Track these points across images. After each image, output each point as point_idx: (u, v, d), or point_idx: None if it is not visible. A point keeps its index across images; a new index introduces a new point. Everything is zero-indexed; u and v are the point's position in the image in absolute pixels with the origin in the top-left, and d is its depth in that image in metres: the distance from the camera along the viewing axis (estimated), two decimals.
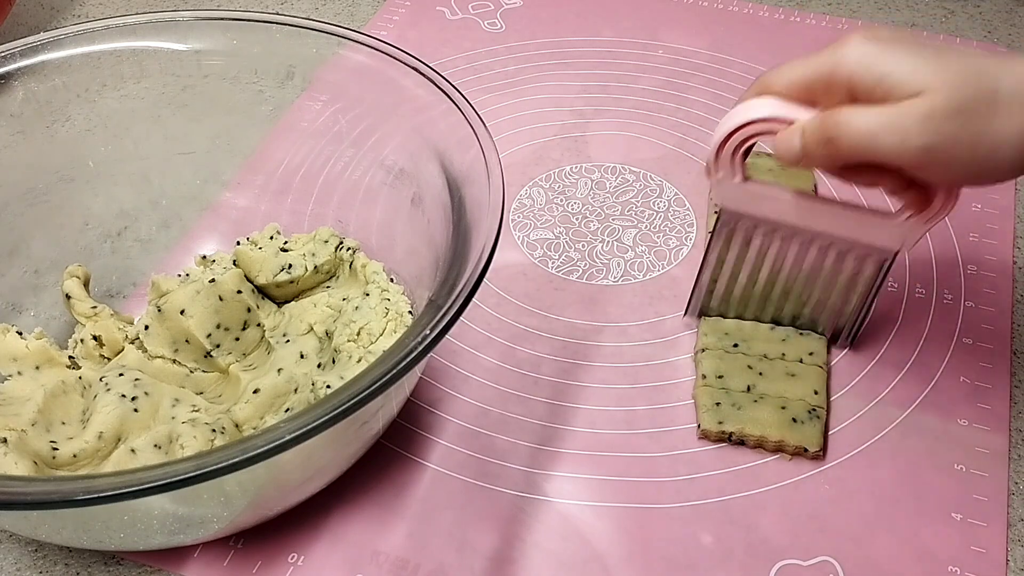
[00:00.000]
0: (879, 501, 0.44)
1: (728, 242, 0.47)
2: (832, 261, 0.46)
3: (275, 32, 0.48)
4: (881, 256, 0.45)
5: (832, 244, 0.45)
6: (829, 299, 0.48)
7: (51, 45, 0.47)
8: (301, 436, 0.31)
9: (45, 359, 0.45)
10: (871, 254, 0.45)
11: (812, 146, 0.39)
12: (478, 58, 0.69)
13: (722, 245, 0.47)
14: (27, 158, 0.48)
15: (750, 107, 0.42)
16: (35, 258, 0.49)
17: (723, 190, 0.45)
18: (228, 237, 0.52)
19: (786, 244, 0.46)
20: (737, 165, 0.44)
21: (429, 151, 0.44)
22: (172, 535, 0.39)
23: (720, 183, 0.44)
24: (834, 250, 0.46)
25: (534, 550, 0.42)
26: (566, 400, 0.48)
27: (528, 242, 0.56)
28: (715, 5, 0.74)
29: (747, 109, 0.42)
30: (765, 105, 0.41)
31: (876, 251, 0.45)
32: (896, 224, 0.43)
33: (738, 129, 0.42)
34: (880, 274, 0.46)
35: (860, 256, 0.45)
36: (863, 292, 0.47)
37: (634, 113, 0.64)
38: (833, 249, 0.46)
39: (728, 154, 0.43)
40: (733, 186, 0.44)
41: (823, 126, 0.39)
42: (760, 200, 0.45)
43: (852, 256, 0.46)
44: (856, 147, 0.38)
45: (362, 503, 0.43)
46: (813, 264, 0.47)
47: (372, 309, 0.45)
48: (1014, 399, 0.48)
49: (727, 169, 0.44)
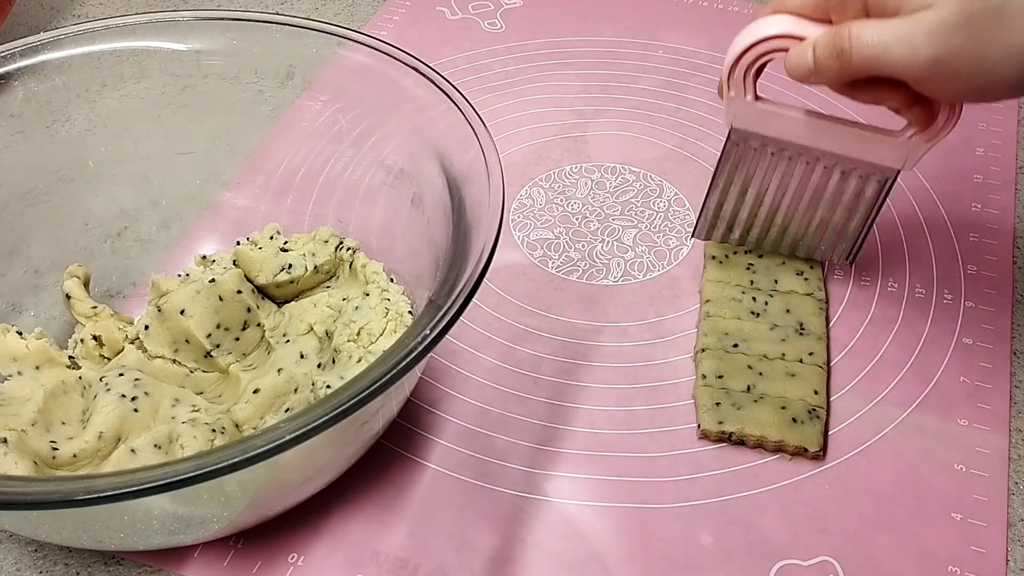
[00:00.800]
0: (879, 501, 0.44)
1: (737, 163, 0.49)
2: (836, 181, 0.48)
3: (275, 32, 0.48)
4: (883, 175, 0.47)
5: (836, 164, 0.47)
6: (832, 219, 0.50)
7: (51, 45, 0.47)
8: (301, 436, 0.31)
9: (45, 359, 0.45)
10: (874, 173, 0.47)
11: (824, 60, 0.41)
12: (478, 58, 0.69)
13: (731, 166, 0.49)
14: (27, 158, 0.48)
15: (763, 24, 0.43)
16: (35, 258, 0.49)
17: (735, 109, 0.46)
18: (228, 237, 0.52)
19: (792, 164, 0.48)
20: (749, 84, 0.45)
21: (429, 151, 0.44)
22: (172, 535, 0.39)
23: (732, 102, 0.46)
24: (838, 170, 0.47)
25: (534, 550, 0.42)
26: (566, 400, 0.48)
27: (528, 242, 0.56)
28: (715, 5, 0.74)
29: (760, 26, 0.43)
30: (778, 22, 0.43)
31: (879, 170, 0.47)
32: (899, 142, 0.45)
33: (751, 47, 0.44)
34: (882, 194, 0.48)
35: (863, 175, 0.47)
36: (865, 212, 0.49)
37: (634, 113, 0.64)
38: (837, 169, 0.47)
39: (741, 73, 0.45)
40: (744, 105, 0.46)
41: (835, 39, 0.40)
42: (770, 118, 0.46)
43: (855, 175, 0.47)
44: (867, 59, 0.39)
45: (362, 503, 0.43)
46: (818, 184, 0.48)
47: (372, 309, 0.45)
48: (1014, 399, 0.48)
49: (739, 88, 0.45)
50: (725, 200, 0.50)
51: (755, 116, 0.46)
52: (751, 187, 0.50)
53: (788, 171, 0.48)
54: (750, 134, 0.47)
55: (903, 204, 0.58)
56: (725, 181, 0.50)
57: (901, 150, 0.45)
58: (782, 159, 0.48)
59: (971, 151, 0.61)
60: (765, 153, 0.48)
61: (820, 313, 0.50)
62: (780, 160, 0.48)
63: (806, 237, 0.51)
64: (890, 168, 0.47)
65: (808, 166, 0.48)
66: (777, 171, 0.49)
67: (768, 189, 0.49)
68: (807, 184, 0.49)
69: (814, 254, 0.52)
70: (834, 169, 0.48)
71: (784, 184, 0.49)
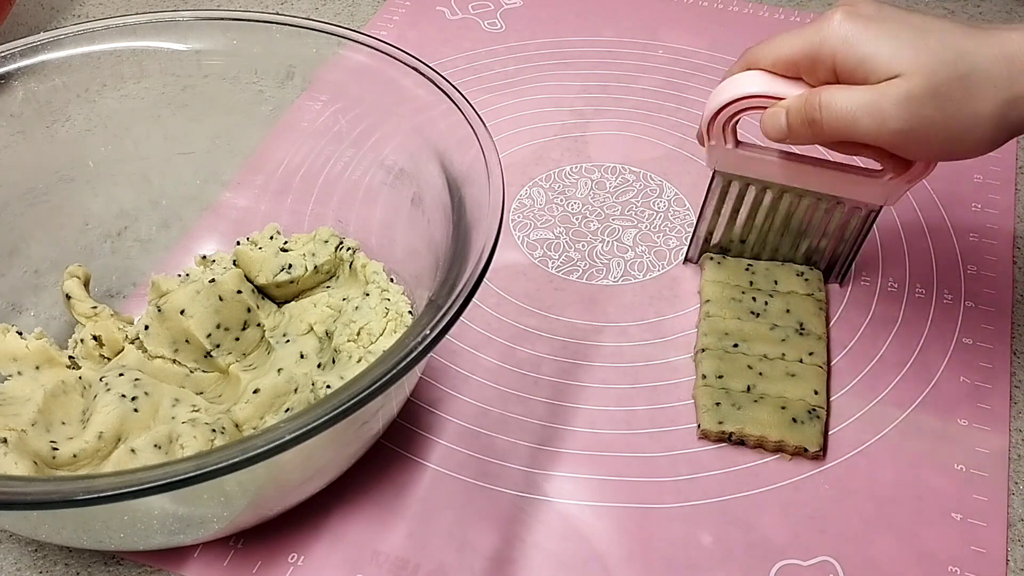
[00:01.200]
0: (879, 501, 0.44)
1: (723, 198, 0.50)
2: (822, 213, 0.49)
3: (275, 32, 0.48)
4: (867, 209, 0.49)
5: (820, 200, 0.49)
6: (819, 245, 0.51)
7: (51, 45, 0.47)
8: (301, 436, 0.31)
9: (45, 359, 0.45)
10: (858, 207, 0.49)
11: (796, 126, 0.42)
12: (478, 58, 0.69)
13: (717, 200, 0.51)
14: (27, 158, 0.48)
15: (739, 82, 0.44)
16: (35, 258, 0.49)
17: (716, 155, 0.48)
18: (228, 237, 0.52)
19: (777, 200, 0.50)
20: (728, 134, 0.47)
21: (429, 151, 0.44)
22: (172, 535, 0.39)
23: (713, 149, 0.47)
24: (823, 205, 0.49)
25: (534, 550, 0.42)
26: (566, 400, 0.48)
27: (528, 242, 0.56)
28: (715, 5, 0.74)
29: (736, 84, 0.44)
30: (753, 81, 0.44)
31: (863, 204, 0.48)
32: (880, 183, 0.46)
33: (728, 104, 0.45)
34: (866, 224, 0.49)
35: (848, 209, 0.49)
36: (851, 240, 0.50)
37: (634, 113, 0.64)
38: (822, 204, 0.49)
39: (719, 126, 0.46)
40: (725, 151, 0.47)
41: (806, 107, 0.41)
42: (751, 163, 0.48)
43: (840, 209, 0.49)
44: (837, 128, 0.40)
45: (362, 503, 0.43)
46: (803, 216, 0.50)
47: (372, 309, 0.45)
48: (1014, 399, 0.48)
49: (719, 138, 0.47)
50: (714, 228, 0.52)
51: (736, 161, 0.48)
52: (739, 218, 0.51)
53: (774, 205, 0.50)
54: (733, 176, 0.49)
55: (903, 204, 0.58)
56: (712, 212, 0.51)
57: (882, 189, 0.46)
58: (767, 194, 0.49)
59: None
60: (750, 190, 0.50)
61: (820, 313, 0.50)
62: (766, 195, 0.50)
63: (795, 260, 0.52)
64: (873, 204, 0.48)
65: (793, 201, 0.49)
66: (763, 205, 0.50)
67: (755, 219, 0.51)
68: (793, 216, 0.50)
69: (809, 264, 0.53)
70: (818, 204, 0.49)
71: (771, 216, 0.50)
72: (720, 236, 0.52)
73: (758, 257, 0.53)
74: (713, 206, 0.51)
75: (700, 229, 0.52)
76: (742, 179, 0.49)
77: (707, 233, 0.52)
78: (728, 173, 0.49)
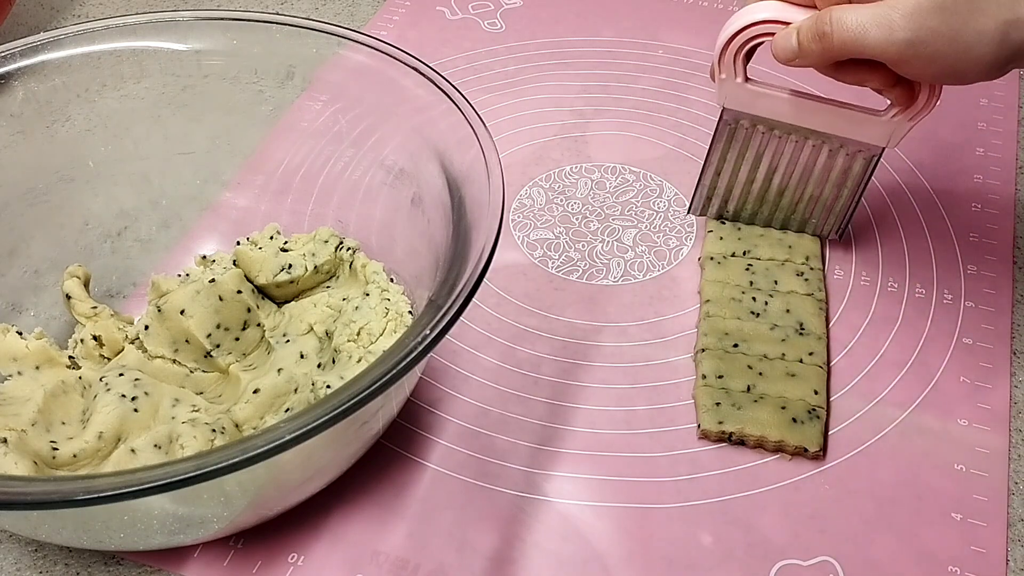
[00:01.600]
0: (879, 501, 0.44)
1: (729, 142, 0.51)
2: (824, 158, 0.51)
3: (275, 32, 0.48)
4: (869, 152, 0.50)
5: (824, 142, 0.50)
6: (822, 195, 0.52)
7: (51, 45, 0.47)
8: (301, 436, 0.31)
9: (45, 359, 0.45)
10: (860, 150, 0.50)
11: (807, 43, 0.43)
12: (478, 58, 0.69)
13: (723, 144, 0.51)
14: (27, 158, 0.48)
15: (751, 10, 0.46)
16: (35, 258, 0.49)
17: (726, 90, 0.49)
18: (228, 237, 0.52)
19: (782, 143, 0.50)
20: (739, 66, 0.48)
21: (429, 151, 0.44)
22: (172, 535, 0.39)
23: (723, 83, 0.49)
24: (826, 147, 0.50)
25: (534, 550, 0.42)
26: (566, 400, 0.48)
27: (528, 242, 0.56)
28: (715, 5, 0.74)
29: (748, 12, 0.46)
30: (766, 8, 0.45)
31: (865, 148, 0.49)
32: (883, 121, 0.47)
33: (740, 31, 0.46)
34: (868, 170, 0.50)
35: (850, 153, 0.50)
36: (853, 187, 0.51)
37: (634, 113, 0.64)
38: (825, 146, 0.50)
39: (731, 56, 0.47)
40: (735, 86, 0.48)
41: (817, 23, 0.42)
42: (759, 99, 0.49)
43: (843, 153, 0.50)
44: (847, 42, 0.42)
45: (362, 503, 0.43)
46: (807, 161, 0.51)
47: (372, 309, 0.45)
48: (1014, 399, 0.48)
49: (729, 71, 0.48)
50: (719, 177, 0.53)
51: (745, 97, 0.49)
52: (743, 164, 0.52)
53: (778, 149, 0.51)
54: (741, 114, 0.50)
55: (903, 204, 0.58)
56: (718, 159, 0.52)
57: (885, 129, 0.48)
58: (772, 137, 0.50)
59: (971, 151, 0.61)
60: (756, 132, 0.50)
61: (820, 313, 0.50)
62: (771, 138, 0.50)
63: (797, 211, 0.53)
64: (875, 146, 0.49)
65: (797, 144, 0.50)
66: (768, 149, 0.51)
67: (760, 166, 0.52)
68: (797, 161, 0.51)
69: (805, 228, 0.54)
70: (822, 147, 0.50)
71: (775, 161, 0.51)
72: (724, 186, 0.53)
73: (758, 217, 0.54)
74: (719, 151, 0.52)
75: (705, 177, 0.53)
76: (750, 118, 0.50)
77: (712, 181, 0.53)
78: (736, 111, 0.50)
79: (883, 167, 0.60)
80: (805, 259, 0.53)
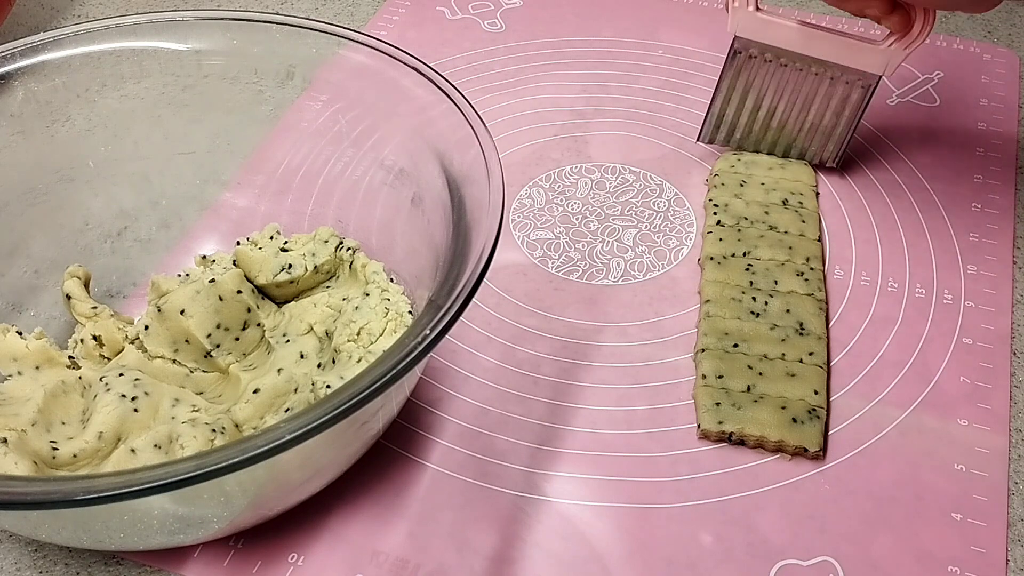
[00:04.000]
0: (879, 501, 0.44)
1: (738, 71, 0.56)
2: (825, 87, 0.55)
3: (275, 32, 0.48)
4: (867, 81, 0.54)
5: (826, 70, 0.55)
6: (821, 123, 0.57)
7: (51, 45, 0.47)
8: (301, 436, 0.31)
9: (45, 359, 0.45)
10: (859, 79, 0.54)
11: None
12: (478, 58, 0.69)
13: (733, 73, 0.56)
14: (27, 158, 0.48)
15: None
16: (35, 258, 0.49)
17: (738, 18, 0.54)
18: (228, 237, 0.52)
19: (787, 72, 0.55)
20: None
21: (429, 151, 0.44)
22: (172, 535, 0.39)
23: (736, 11, 0.53)
24: (827, 76, 0.55)
25: (534, 550, 0.42)
26: (566, 400, 0.48)
27: (528, 242, 0.56)
28: (715, 5, 0.74)
29: None
30: None
31: (863, 76, 0.54)
32: (881, 50, 0.52)
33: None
34: (865, 99, 0.55)
35: (849, 82, 0.55)
36: (850, 116, 0.56)
37: (634, 113, 0.64)
38: (826, 75, 0.55)
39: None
40: (747, 14, 0.53)
41: None
42: (768, 27, 0.54)
43: (842, 82, 0.55)
44: None
45: (362, 503, 0.43)
46: (809, 90, 0.56)
47: (372, 309, 0.45)
48: (1014, 399, 0.48)
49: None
50: (728, 105, 0.57)
51: (755, 25, 0.54)
52: (750, 93, 0.57)
53: (783, 78, 0.56)
54: (750, 42, 0.54)
55: (903, 204, 0.58)
56: (728, 87, 0.57)
57: (882, 57, 0.53)
58: (777, 67, 0.55)
59: (971, 151, 0.61)
60: (763, 60, 0.55)
61: (820, 313, 0.50)
62: (776, 67, 0.55)
63: (799, 139, 0.58)
64: (872, 74, 0.54)
65: (801, 73, 0.55)
66: (773, 78, 0.56)
67: (765, 95, 0.57)
68: (800, 90, 0.56)
69: (805, 155, 0.59)
70: (824, 75, 0.55)
71: (779, 90, 0.56)
72: (732, 115, 0.58)
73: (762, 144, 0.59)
74: (728, 79, 0.56)
75: (715, 106, 0.58)
76: (759, 46, 0.54)
77: (721, 109, 0.57)
78: (746, 39, 0.54)
79: (883, 166, 0.60)
80: (805, 259, 0.53)
